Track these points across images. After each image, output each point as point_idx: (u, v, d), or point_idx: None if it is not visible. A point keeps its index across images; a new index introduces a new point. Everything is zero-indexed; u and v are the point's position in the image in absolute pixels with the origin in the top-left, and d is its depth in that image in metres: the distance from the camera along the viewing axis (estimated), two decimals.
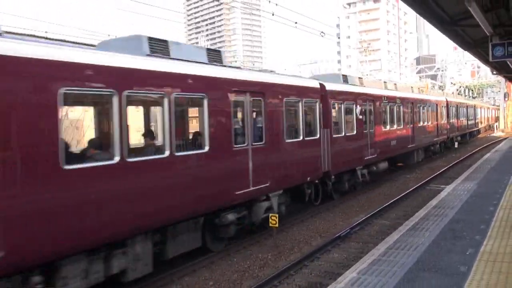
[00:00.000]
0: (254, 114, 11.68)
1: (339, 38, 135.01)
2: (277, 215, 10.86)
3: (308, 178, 13.67)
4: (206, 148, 9.56)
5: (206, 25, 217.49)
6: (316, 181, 14.52)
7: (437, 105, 29.98)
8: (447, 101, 33.59)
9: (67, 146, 7.18)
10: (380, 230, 12.47)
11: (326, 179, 15.13)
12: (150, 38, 9.25)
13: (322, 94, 14.70)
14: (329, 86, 15.61)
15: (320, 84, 14.88)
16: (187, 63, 9.57)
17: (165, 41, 9.58)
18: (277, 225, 10.82)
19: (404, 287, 6.12)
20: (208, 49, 11.26)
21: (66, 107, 8.00)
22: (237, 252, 10.73)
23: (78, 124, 11.35)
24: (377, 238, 11.42)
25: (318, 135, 14.23)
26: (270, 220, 10.82)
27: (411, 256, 7.43)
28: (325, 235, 12.05)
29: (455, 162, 27.07)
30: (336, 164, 15.16)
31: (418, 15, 13.83)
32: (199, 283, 8.97)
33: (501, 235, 8.37)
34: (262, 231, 11.86)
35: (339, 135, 16.03)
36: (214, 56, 10.72)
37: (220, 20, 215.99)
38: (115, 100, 7.52)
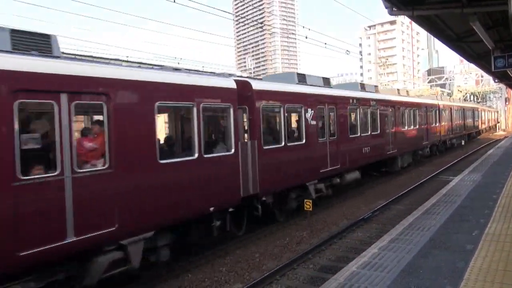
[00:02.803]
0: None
1: (361, 55, 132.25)
2: (311, 201, 10.77)
3: (212, 208, 8.21)
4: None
5: (252, 47, 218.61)
6: (231, 209, 8.99)
7: (426, 108, 24.40)
8: (438, 105, 27.45)
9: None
10: (397, 214, 12.14)
11: (255, 201, 9.89)
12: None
13: (247, 95, 9.67)
14: (258, 85, 10.17)
15: (242, 83, 9.65)
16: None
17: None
18: (311, 209, 10.74)
19: (419, 262, 5.95)
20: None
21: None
22: (278, 231, 10.73)
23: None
24: (394, 220, 11.12)
25: (233, 150, 8.93)
26: (305, 205, 10.75)
27: (424, 235, 7.21)
28: (350, 218, 11.86)
29: (462, 157, 25.98)
30: (268, 183, 10.00)
31: (428, 33, 13.38)
32: (248, 255, 9.04)
33: (504, 219, 7.99)
34: (298, 214, 11.81)
35: (276, 146, 10.51)
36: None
37: (263, 43, 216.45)
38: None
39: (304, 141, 11.63)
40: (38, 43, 6.19)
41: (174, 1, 13.67)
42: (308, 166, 11.74)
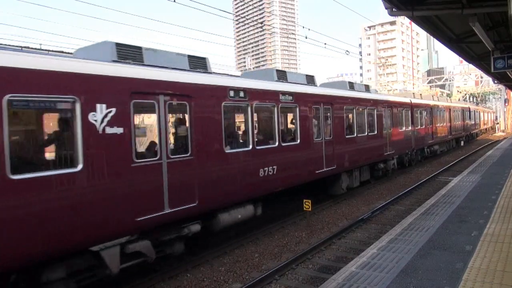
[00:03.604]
0: None
1: (361, 55, 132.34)
2: (310, 201, 10.79)
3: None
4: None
5: (252, 47, 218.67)
6: None
7: (391, 107, 18.01)
8: (411, 103, 21.26)
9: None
10: (396, 214, 12.15)
11: None
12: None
13: None
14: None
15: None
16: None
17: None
18: (310, 209, 10.76)
19: (418, 262, 5.95)
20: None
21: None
22: (277, 231, 10.73)
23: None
24: (393, 221, 11.14)
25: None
26: (304, 205, 10.76)
27: (423, 236, 7.22)
28: (349, 218, 11.87)
29: (461, 158, 26.00)
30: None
31: (428, 34, 13.40)
32: (247, 254, 9.04)
33: (502, 220, 8.00)
34: (297, 214, 11.81)
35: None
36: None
37: (263, 43, 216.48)
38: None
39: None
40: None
41: (175, 1, 13.66)
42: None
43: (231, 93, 8.91)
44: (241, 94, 9.25)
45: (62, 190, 5.62)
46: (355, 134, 14.57)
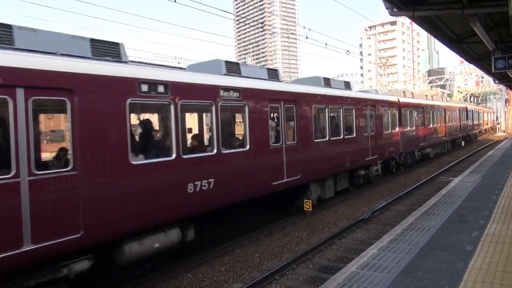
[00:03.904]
0: None
1: (361, 55, 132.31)
2: (310, 201, 10.79)
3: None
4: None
5: (252, 47, 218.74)
6: None
7: (374, 106, 16.21)
8: (399, 102, 19.56)
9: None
10: (397, 214, 12.14)
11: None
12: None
13: None
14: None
15: None
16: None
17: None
18: (310, 209, 10.76)
19: (418, 262, 5.95)
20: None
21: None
22: (277, 231, 10.73)
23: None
24: (394, 221, 11.14)
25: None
26: (304, 205, 10.76)
27: (424, 236, 7.22)
28: (350, 218, 11.86)
29: (462, 158, 25.98)
30: None
31: (429, 34, 13.38)
32: (247, 255, 9.04)
33: (503, 220, 7.99)
34: (298, 214, 11.80)
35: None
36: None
37: (263, 43, 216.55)
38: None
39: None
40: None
41: (175, 1, 13.66)
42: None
43: (144, 88, 6.95)
44: (161, 88, 7.28)
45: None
46: (328, 138, 12.68)
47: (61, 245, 5.57)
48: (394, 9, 9.37)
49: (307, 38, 23.49)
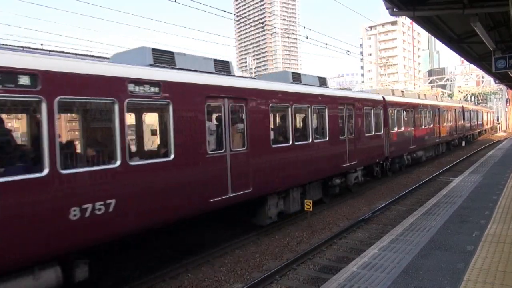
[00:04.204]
0: None
1: (362, 55, 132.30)
2: (311, 201, 10.79)
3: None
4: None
5: (253, 47, 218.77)
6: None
7: (353, 106, 14.26)
8: (384, 101, 17.35)
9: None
10: (397, 214, 12.14)
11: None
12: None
13: None
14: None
15: None
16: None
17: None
18: (311, 209, 10.76)
19: (419, 262, 5.95)
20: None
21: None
22: (278, 231, 10.73)
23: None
24: (395, 221, 11.13)
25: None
26: (305, 205, 10.76)
27: (425, 236, 7.21)
28: (350, 218, 11.86)
29: (463, 158, 25.97)
30: None
31: (430, 34, 13.38)
32: (248, 255, 9.04)
33: (504, 220, 7.98)
34: (298, 214, 11.81)
35: None
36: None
37: (264, 43, 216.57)
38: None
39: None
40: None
41: (176, 1, 13.67)
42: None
43: None
44: (25, 80, 5.36)
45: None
46: (291, 142, 10.77)
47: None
48: (395, 9, 9.37)
49: (307, 38, 23.50)
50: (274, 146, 10.23)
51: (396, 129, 18.81)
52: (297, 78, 12.26)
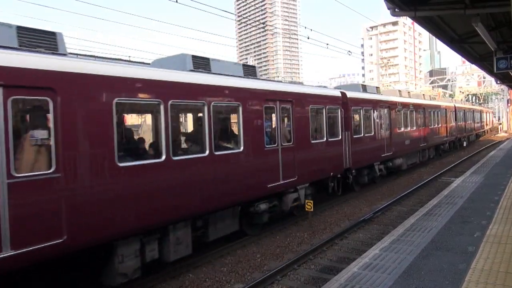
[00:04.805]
0: None
1: (363, 55, 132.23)
2: (312, 201, 10.78)
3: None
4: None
5: (254, 47, 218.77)
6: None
7: (293, 105, 10.86)
8: (346, 97, 14.11)
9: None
10: (398, 215, 12.12)
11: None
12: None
13: None
14: None
15: None
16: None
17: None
18: (312, 209, 10.75)
19: (420, 263, 5.94)
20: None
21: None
22: (279, 231, 10.72)
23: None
24: (396, 221, 11.11)
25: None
26: (306, 205, 10.75)
27: (426, 237, 7.20)
28: (351, 218, 11.85)
29: (464, 158, 25.93)
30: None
31: (431, 34, 13.36)
32: (249, 255, 9.03)
33: (505, 221, 7.96)
34: (299, 214, 11.79)
35: None
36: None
37: (265, 44, 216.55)
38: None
39: None
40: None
41: (177, 1, 13.67)
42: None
43: None
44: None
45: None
46: (166, 157, 7.18)
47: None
48: (396, 10, 9.36)
49: (308, 38, 23.51)
50: (125, 164, 6.48)
51: (363, 133, 15.20)
52: (201, 64, 8.71)
